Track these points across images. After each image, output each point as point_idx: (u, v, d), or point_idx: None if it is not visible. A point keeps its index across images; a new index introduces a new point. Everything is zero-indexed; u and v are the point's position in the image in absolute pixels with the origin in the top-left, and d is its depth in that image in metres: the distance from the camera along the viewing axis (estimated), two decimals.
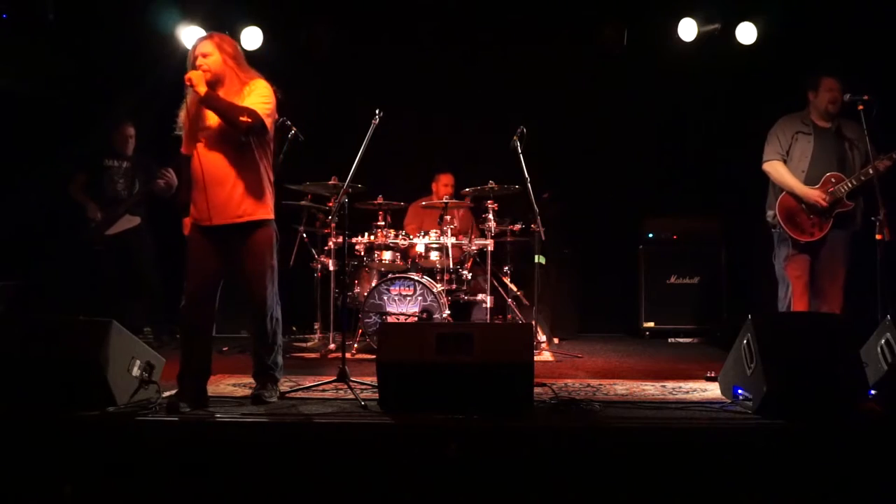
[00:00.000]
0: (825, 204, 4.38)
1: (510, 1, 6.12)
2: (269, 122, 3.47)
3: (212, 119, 3.41)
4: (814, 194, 4.41)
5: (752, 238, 6.19)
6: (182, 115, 3.49)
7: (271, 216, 3.54)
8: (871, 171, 4.24)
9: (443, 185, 6.15)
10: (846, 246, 4.48)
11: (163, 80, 5.93)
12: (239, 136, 3.37)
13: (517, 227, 5.70)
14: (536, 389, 3.45)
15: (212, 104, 3.34)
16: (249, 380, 3.75)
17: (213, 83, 3.40)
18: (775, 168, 4.55)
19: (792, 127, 4.56)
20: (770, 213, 4.62)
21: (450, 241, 5.45)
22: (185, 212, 3.56)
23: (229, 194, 3.39)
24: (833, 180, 4.42)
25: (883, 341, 3.35)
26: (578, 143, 6.37)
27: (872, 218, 4.24)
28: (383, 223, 5.53)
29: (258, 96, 3.42)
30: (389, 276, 5.42)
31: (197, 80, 3.32)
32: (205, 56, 3.40)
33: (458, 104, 6.41)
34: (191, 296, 3.44)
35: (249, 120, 3.33)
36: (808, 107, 4.58)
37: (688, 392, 3.76)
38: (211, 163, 3.40)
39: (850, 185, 4.36)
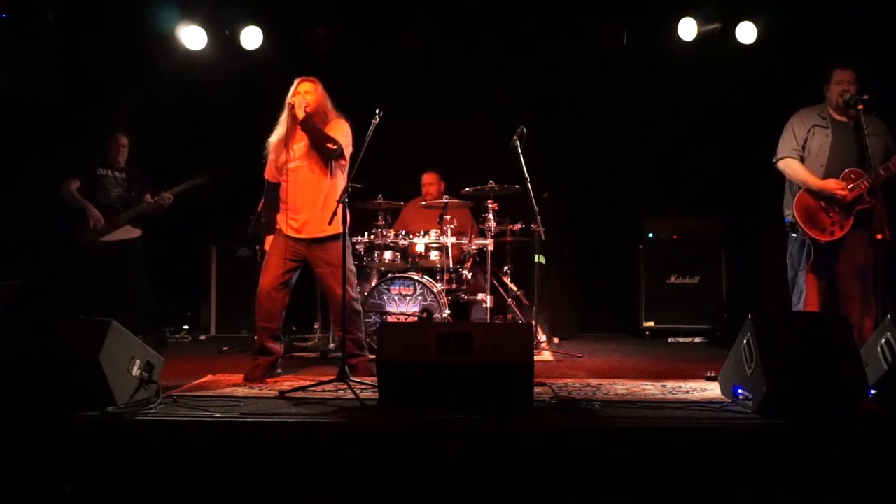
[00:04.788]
0: (845, 193, 4.12)
1: (511, 0, 6.11)
2: (346, 151, 4.21)
3: (303, 148, 4.12)
4: (831, 185, 4.15)
5: (751, 238, 6.21)
6: (272, 142, 4.21)
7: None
8: (891, 167, 4.06)
9: (425, 184, 6.20)
10: (870, 246, 4.18)
11: (162, 80, 6.00)
12: (324, 158, 4.13)
13: (517, 226, 5.70)
14: (536, 389, 3.44)
15: (308, 127, 4.09)
16: None
17: (311, 115, 4.11)
18: (790, 165, 4.30)
19: (808, 121, 4.32)
20: (788, 212, 4.35)
21: (450, 240, 5.45)
22: (268, 230, 4.30)
23: (318, 212, 4.09)
24: (853, 175, 4.15)
25: (883, 341, 3.34)
26: (578, 143, 6.37)
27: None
28: (383, 223, 5.54)
29: (342, 134, 4.19)
30: (389, 275, 5.42)
31: (298, 105, 4.07)
32: (308, 93, 4.16)
33: (458, 104, 6.41)
34: (264, 290, 4.15)
35: (334, 147, 4.10)
36: (825, 101, 4.36)
37: (688, 392, 3.75)
38: (303, 184, 4.13)
39: (871, 179, 4.09)
